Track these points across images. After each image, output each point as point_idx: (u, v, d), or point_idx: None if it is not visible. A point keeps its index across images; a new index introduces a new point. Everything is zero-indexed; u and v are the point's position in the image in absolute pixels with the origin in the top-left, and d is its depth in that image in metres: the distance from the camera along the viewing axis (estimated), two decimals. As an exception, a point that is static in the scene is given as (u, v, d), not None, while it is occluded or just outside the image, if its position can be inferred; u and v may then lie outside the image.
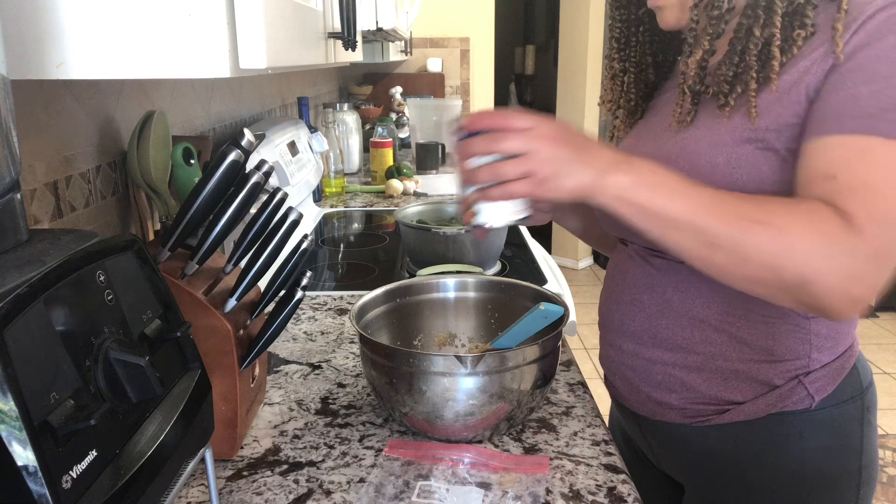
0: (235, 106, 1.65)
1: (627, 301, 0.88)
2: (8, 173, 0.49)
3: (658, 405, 0.88)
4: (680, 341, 0.84)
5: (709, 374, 0.83)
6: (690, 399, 0.85)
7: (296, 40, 0.76)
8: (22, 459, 0.40)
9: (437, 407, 0.77)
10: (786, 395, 0.81)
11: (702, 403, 0.85)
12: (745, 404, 0.82)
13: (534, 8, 6.34)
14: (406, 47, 3.10)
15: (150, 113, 0.94)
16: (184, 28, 0.57)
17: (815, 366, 0.81)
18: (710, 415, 0.84)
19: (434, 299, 0.99)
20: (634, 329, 0.87)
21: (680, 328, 0.83)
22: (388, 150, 2.38)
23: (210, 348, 0.72)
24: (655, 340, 0.86)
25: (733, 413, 0.83)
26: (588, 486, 0.74)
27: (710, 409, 0.84)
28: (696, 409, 0.85)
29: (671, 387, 0.86)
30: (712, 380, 0.83)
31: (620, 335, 0.90)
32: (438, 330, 0.99)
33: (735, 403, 0.83)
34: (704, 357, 0.83)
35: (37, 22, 0.57)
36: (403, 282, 0.98)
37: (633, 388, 0.90)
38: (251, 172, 0.68)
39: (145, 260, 0.58)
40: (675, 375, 0.85)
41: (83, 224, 0.95)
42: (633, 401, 0.91)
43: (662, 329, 0.85)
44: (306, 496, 0.72)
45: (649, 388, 0.88)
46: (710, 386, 0.83)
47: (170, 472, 0.55)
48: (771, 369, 0.81)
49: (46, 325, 0.44)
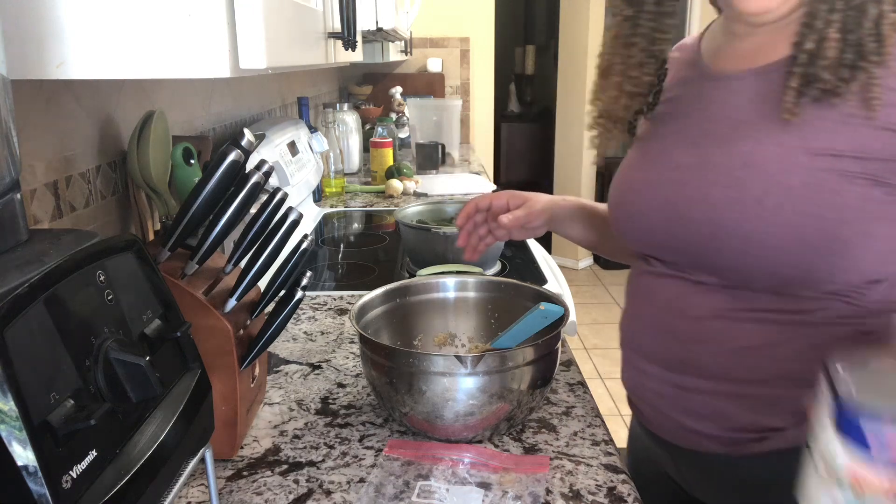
0: (235, 106, 1.65)
1: (657, 326, 0.82)
2: (8, 173, 0.49)
3: (691, 433, 0.82)
4: (717, 370, 0.77)
5: (748, 402, 0.77)
6: (727, 427, 0.79)
7: (296, 40, 0.76)
8: (22, 459, 0.40)
9: (437, 407, 0.77)
10: None
11: (740, 431, 0.79)
12: (786, 430, 0.76)
13: (534, 8, 6.34)
14: (406, 47, 3.10)
15: (150, 113, 0.94)
16: (184, 28, 0.57)
17: None
18: (749, 443, 0.79)
19: (434, 299, 0.99)
20: (665, 356, 0.81)
21: (719, 356, 0.77)
22: (388, 150, 2.38)
23: (210, 348, 0.72)
24: (689, 368, 0.79)
25: (774, 440, 0.77)
26: (588, 486, 0.74)
27: (749, 436, 0.78)
28: (734, 437, 0.79)
29: (706, 415, 0.80)
30: (752, 407, 0.77)
31: (648, 361, 0.84)
32: (438, 330, 0.99)
33: (776, 430, 0.77)
34: (744, 385, 0.77)
35: (37, 22, 0.57)
36: (403, 282, 0.98)
37: (662, 415, 0.85)
38: (251, 172, 0.68)
39: (145, 260, 0.58)
40: (711, 404, 0.79)
41: (83, 224, 0.95)
42: (663, 428, 0.86)
43: (698, 357, 0.78)
44: (306, 496, 0.72)
45: (681, 416, 0.82)
46: (749, 413, 0.78)
47: (170, 472, 0.55)
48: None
49: (46, 325, 0.44)
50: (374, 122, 2.73)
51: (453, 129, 2.82)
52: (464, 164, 2.84)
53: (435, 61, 3.64)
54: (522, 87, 6.47)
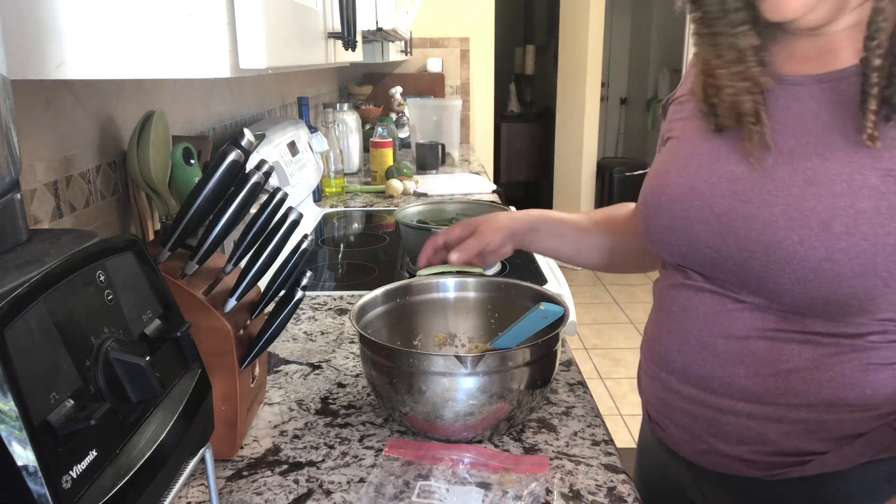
0: (235, 106, 1.65)
1: (695, 343, 0.77)
2: (8, 173, 0.49)
3: (724, 457, 0.78)
4: (760, 392, 0.73)
5: (790, 426, 0.73)
6: (766, 452, 0.75)
7: (296, 40, 0.76)
8: (22, 459, 0.40)
9: (436, 407, 0.78)
10: (876, 442, 0.71)
11: (779, 456, 0.75)
12: (828, 455, 0.72)
13: (534, 8, 6.34)
14: (406, 47, 3.10)
15: (150, 113, 0.94)
16: (184, 28, 0.57)
17: None
18: (788, 467, 0.74)
19: (434, 299, 0.99)
20: (702, 375, 0.77)
21: (762, 378, 0.73)
22: (388, 150, 2.38)
23: (210, 348, 0.72)
24: (728, 390, 0.75)
25: (816, 465, 0.73)
26: (588, 486, 0.74)
27: (789, 461, 0.74)
28: (772, 461, 0.75)
29: (743, 439, 0.76)
30: (793, 432, 0.73)
31: (681, 379, 0.79)
32: (438, 330, 0.99)
33: (818, 454, 0.73)
34: (787, 409, 0.73)
35: (37, 22, 0.57)
36: (403, 282, 0.98)
37: (692, 436, 0.80)
38: (251, 172, 0.68)
39: (145, 260, 0.58)
40: (750, 427, 0.75)
41: (83, 224, 0.95)
42: (692, 450, 0.81)
43: (740, 378, 0.74)
44: (306, 496, 0.72)
45: (715, 440, 0.78)
46: (791, 438, 0.74)
47: (170, 472, 0.55)
48: (861, 417, 0.71)
49: (46, 325, 0.44)
50: (374, 122, 2.73)
51: (453, 129, 2.82)
52: (464, 164, 2.85)
53: (435, 61, 3.64)
54: (522, 87, 6.47)
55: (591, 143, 4.72)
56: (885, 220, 0.63)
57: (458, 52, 3.70)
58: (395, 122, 2.86)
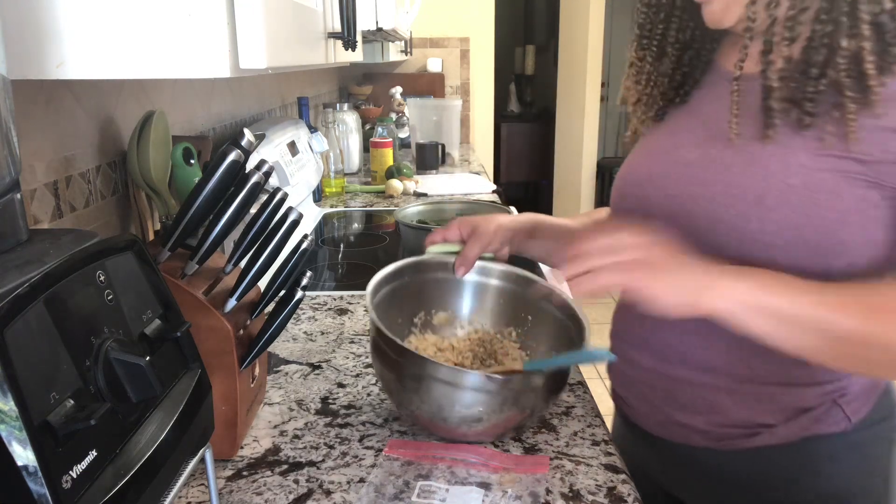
0: (235, 106, 1.65)
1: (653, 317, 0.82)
2: (8, 173, 0.49)
3: (680, 427, 0.83)
4: (713, 362, 0.78)
5: (741, 397, 0.78)
6: (718, 422, 0.80)
7: (296, 40, 0.76)
8: (22, 459, 0.40)
9: (442, 408, 0.76)
10: (821, 418, 0.77)
11: (730, 426, 0.80)
12: (777, 427, 0.78)
13: (534, 8, 6.34)
14: (406, 47, 3.10)
15: (150, 113, 0.94)
16: (184, 28, 0.57)
17: (854, 387, 0.78)
18: (738, 438, 0.80)
19: (443, 279, 0.97)
20: (660, 347, 0.82)
21: (715, 350, 0.78)
22: (388, 150, 2.38)
23: (210, 348, 0.72)
24: (684, 360, 0.80)
25: (764, 437, 0.78)
26: (588, 486, 0.74)
27: (739, 432, 0.80)
28: (724, 432, 0.80)
29: (698, 409, 0.81)
30: (744, 402, 0.78)
31: (641, 351, 0.84)
32: (440, 308, 0.98)
33: (766, 426, 0.78)
34: (738, 379, 0.78)
35: (37, 22, 0.57)
36: (412, 259, 0.95)
37: (652, 407, 0.85)
38: (251, 172, 0.68)
39: (145, 260, 0.58)
40: (704, 397, 0.80)
41: (83, 224, 0.95)
42: (651, 422, 0.86)
43: (694, 349, 0.79)
44: (306, 496, 0.72)
45: (672, 409, 0.83)
46: (741, 409, 0.79)
47: (170, 472, 0.55)
48: (808, 392, 0.77)
49: (46, 325, 0.44)
50: (374, 122, 2.73)
51: (453, 129, 2.82)
52: (464, 164, 2.85)
53: (435, 61, 3.64)
54: (522, 87, 6.47)
55: (591, 143, 4.72)
56: (812, 194, 0.69)
57: (458, 52, 3.70)
58: (395, 122, 2.85)
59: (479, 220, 0.96)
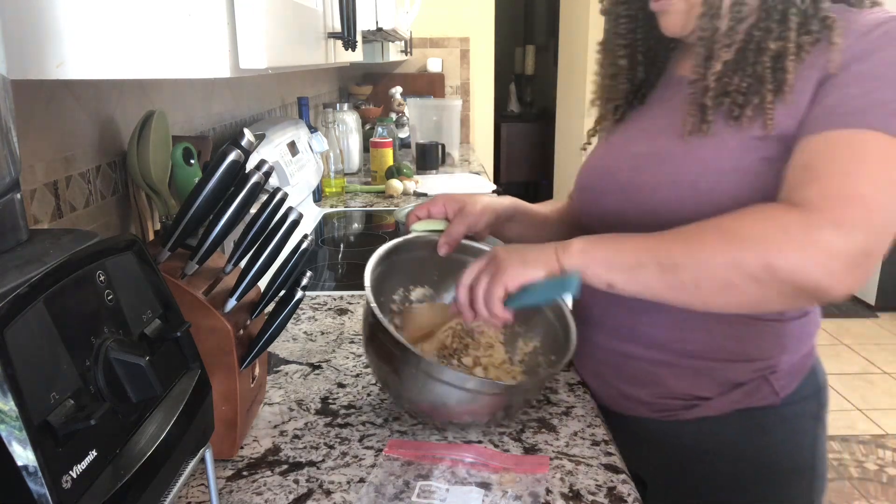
0: (235, 106, 1.65)
1: (608, 296, 0.84)
2: (8, 173, 0.49)
3: (627, 399, 0.91)
4: (659, 338, 0.86)
5: (680, 371, 0.86)
6: (660, 394, 0.88)
7: (296, 40, 0.76)
8: (22, 459, 0.40)
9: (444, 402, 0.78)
10: (752, 392, 0.85)
11: (670, 398, 0.87)
12: (712, 400, 0.85)
13: (534, 8, 6.34)
14: (406, 47, 3.10)
15: (150, 113, 0.94)
16: (184, 28, 0.57)
17: (782, 365, 0.85)
18: (678, 410, 0.87)
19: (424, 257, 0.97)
20: (614, 324, 0.90)
21: (662, 326, 0.86)
22: (388, 150, 2.38)
23: (210, 348, 0.72)
24: (634, 336, 0.88)
25: (701, 409, 0.86)
26: (588, 486, 0.74)
27: (679, 403, 0.87)
28: (665, 403, 0.88)
29: (642, 381, 0.89)
30: (683, 376, 0.86)
31: (597, 329, 0.91)
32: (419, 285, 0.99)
33: (703, 399, 0.86)
34: (679, 354, 0.86)
35: (37, 22, 0.57)
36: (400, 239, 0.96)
37: (603, 382, 0.93)
38: (251, 172, 0.68)
39: (145, 260, 0.58)
40: (647, 370, 0.88)
41: (83, 224, 0.95)
42: (603, 395, 0.94)
43: (643, 325, 0.87)
44: (306, 496, 0.72)
45: (620, 382, 0.91)
46: (680, 382, 0.86)
47: (170, 472, 0.55)
48: (741, 368, 0.85)
49: (46, 325, 0.44)
50: (374, 122, 2.73)
51: (453, 129, 2.82)
52: (464, 164, 2.85)
53: (435, 61, 3.64)
54: (522, 87, 6.47)
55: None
56: (741, 177, 0.76)
57: (458, 52, 3.70)
58: (395, 122, 2.86)
59: (465, 199, 0.98)
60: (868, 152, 0.66)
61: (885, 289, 3.92)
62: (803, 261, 0.63)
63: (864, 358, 3.38)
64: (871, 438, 2.70)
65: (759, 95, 0.76)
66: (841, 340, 3.59)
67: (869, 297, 4.00)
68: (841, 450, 2.62)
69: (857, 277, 0.64)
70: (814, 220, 0.64)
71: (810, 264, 0.63)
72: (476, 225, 0.96)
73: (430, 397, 0.78)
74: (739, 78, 0.77)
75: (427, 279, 0.99)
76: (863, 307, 4.01)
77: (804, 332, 0.87)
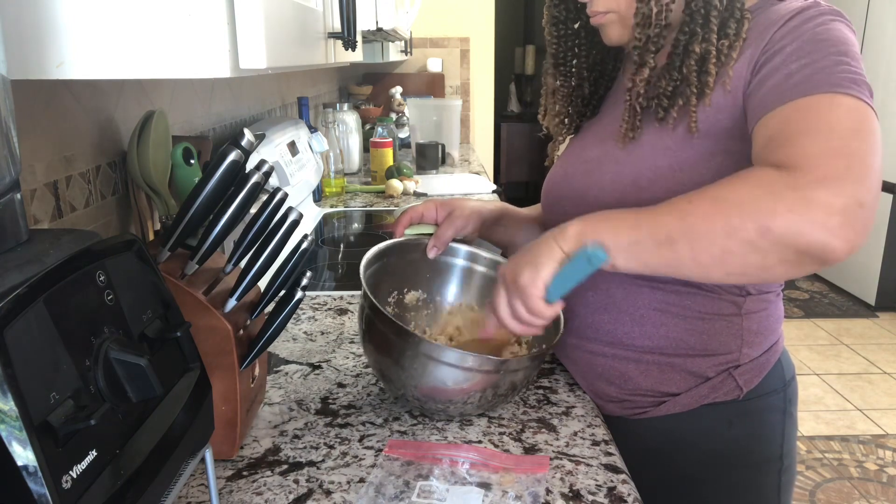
0: (235, 106, 1.65)
1: (571, 297, 0.83)
2: (8, 173, 0.49)
3: (598, 397, 0.93)
4: (621, 336, 0.89)
5: (646, 367, 0.88)
6: (629, 391, 0.90)
7: (296, 40, 0.76)
8: (22, 459, 0.40)
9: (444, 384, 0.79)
10: (717, 387, 0.87)
11: (640, 395, 0.90)
12: (679, 396, 0.88)
13: (534, 8, 6.34)
14: (406, 47, 3.10)
15: (150, 113, 0.94)
16: (184, 28, 0.57)
17: (745, 360, 0.87)
18: (648, 407, 0.89)
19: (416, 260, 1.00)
20: (577, 324, 0.92)
21: (621, 324, 0.88)
22: (388, 150, 2.38)
23: (210, 348, 0.72)
24: (597, 335, 0.90)
25: (669, 405, 0.88)
26: (588, 486, 0.74)
27: (648, 400, 0.89)
28: (635, 400, 0.90)
29: (611, 379, 0.91)
30: (649, 372, 0.88)
31: (565, 329, 0.91)
32: (412, 289, 1.01)
33: (671, 395, 0.88)
34: (643, 351, 0.88)
35: (37, 22, 0.57)
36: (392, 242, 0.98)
37: (578, 381, 0.95)
38: (251, 172, 0.68)
39: (145, 260, 0.58)
40: (615, 367, 0.90)
41: (83, 224, 0.95)
42: None
43: (604, 324, 0.89)
44: (306, 496, 0.72)
45: (590, 380, 0.93)
46: (647, 378, 0.89)
47: (170, 472, 0.55)
48: (704, 363, 0.87)
49: (46, 325, 0.44)
50: (374, 122, 2.73)
51: (453, 129, 2.82)
52: (464, 164, 2.85)
53: (435, 61, 3.64)
54: (522, 87, 6.47)
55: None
56: (676, 173, 0.80)
57: (458, 52, 3.70)
58: (395, 122, 2.86)
59: (455, 203, 1.01)
60: (829, 111, 0.67)
61: (885, 289, 3.92)
62: (799, 223, 0.62)
63: (863, 358, 3.38)
64: (871, 438, 2.70)
65: (683, 97, 0.79)
66: (841, 340, 3.59)
67: (869, 297, 4.00)
68: (841, 450, 2.63)
69: (857, 230, 0.62)
70: (800, 180, 0.63)
71: (807, 225, 0.61)
72: (464, 228, 1.00)
73: (430, 381, 0.79)
74: (665, 82, 0.81)
75: (420, 282, 1.01)
76: (863, 307, 4.02)
77: (764, 326, 0.88)
